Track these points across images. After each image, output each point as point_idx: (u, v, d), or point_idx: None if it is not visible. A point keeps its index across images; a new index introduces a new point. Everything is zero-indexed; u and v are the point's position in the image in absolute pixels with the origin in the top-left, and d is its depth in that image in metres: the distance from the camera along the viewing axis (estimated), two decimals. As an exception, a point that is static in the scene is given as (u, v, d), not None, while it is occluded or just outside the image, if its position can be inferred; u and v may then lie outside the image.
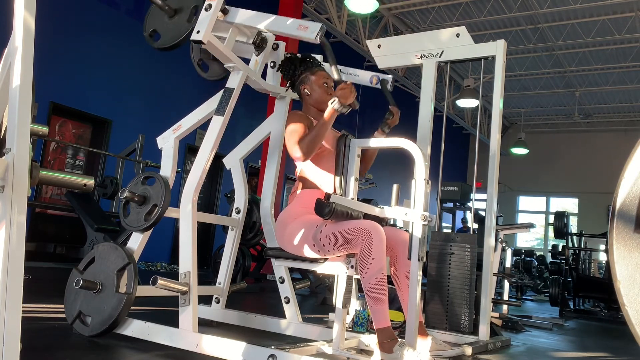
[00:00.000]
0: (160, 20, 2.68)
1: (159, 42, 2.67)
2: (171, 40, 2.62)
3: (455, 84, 13.12)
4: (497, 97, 3.16)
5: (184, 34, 2.57)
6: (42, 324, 2.55)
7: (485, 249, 3.09)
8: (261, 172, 7.07)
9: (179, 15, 2.63)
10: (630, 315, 1.17)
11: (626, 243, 1.19)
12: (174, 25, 2.63)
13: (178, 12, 2.64)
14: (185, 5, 2.63)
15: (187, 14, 2.59)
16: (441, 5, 9.88)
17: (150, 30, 2.70)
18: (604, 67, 11.97)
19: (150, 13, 2.74)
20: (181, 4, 2.64)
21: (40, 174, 1.73)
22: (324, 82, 2.52)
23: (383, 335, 2.05)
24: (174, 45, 2.61)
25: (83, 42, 6.89)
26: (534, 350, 3.30)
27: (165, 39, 2.65)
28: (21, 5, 1.23)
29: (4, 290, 1.08)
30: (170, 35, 2.63)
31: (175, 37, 2.60)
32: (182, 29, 2.60)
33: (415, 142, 2.61)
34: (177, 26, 2.62)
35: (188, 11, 2.60)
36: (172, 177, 2.58)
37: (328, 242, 2.12)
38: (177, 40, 2.59)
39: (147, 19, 2.74)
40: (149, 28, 2.72)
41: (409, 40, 3.49)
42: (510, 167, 15.40)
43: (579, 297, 6.76)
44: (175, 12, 2.64)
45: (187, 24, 2.58)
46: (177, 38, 2.60)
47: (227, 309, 3.01)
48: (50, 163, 6.85)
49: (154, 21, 2.71)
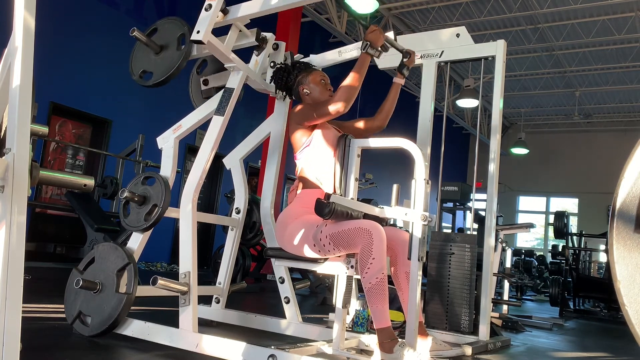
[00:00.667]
0: (147, 59, 2.66)
1: (151, 80, 2.64)
2: (164, 73, 2.59)
3: (455, 84, 13.11)
4: (497, 97, 3.16)
5: (177, 63, 2.56)
6: (42, 324, 2.55)
7: (485, 249, 3.09)
8: (261, 172, 7.07)
9: (166, 51, 2.61)
10: (630, 315, 1.17)
11: (626, 243, 1.19)
12: (162, 60, 2.61)
13: (164, 48, 2.63)
14: (171, 39, 2.62)
15: (175, 45, 2.59)
16: (441, 5, 9.88)
17: (140, 72, 2.67)
18: (604, 67, 11.97)
19: (134, 54, 2.72)
20: (167, 40, 2.63)
21: (40, 174, 1.73)
22: (321, 79, 2.53)
23: (383, 335, 2.05)
24: (168, 77, 2.59)
25: (83, 42, 6.89)
26: (534, 350, 3.30)
27: (158, 74, 2.62)
28: (21, 5, 1.23)
29: (4, 290, 1.08)
30: (162, 70, 2.61)
31: (169, 68, 2.58)
32: (174, 59, 2.58)
33: (415, 142, 2.62)
34: (166, 60, 2.60)
35: (175, 42, 2.59)
36: (172, 177, 2.58)
37: (328, 242, 2.12)
38: (171, 72, 2.58)
39: (132, 60, 2.71)
40: (137, 70, 2.69)
41: (409, 40, 3.49)
42: (510, 167, 15.39)
43: (579, 297, 6.76)
44: (161, 48, 2.63)
45: (178, 53, 2.57)
46: (170, 69, 2.58)
47: (227, 309, 3.01)
48: (50, 163, 6.85)
49: (141, 61, 2.68)
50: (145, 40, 2.60)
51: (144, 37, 2.60)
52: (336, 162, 2.33)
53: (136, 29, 2.56)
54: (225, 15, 2.53)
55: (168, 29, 2.66)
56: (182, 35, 2.59)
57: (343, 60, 2.93)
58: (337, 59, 2.94)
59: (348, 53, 2.93)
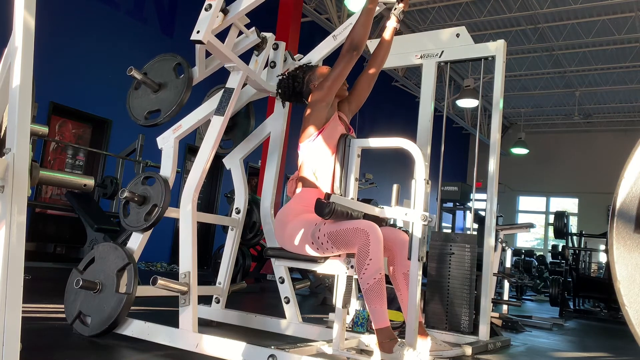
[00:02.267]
0: (148, 99, 2.61)
1: (160, 117, 2.57)
2: (172, 105, 2.54)
3: (455, 84, 13.11)
4: (497, 97, 3.16)
5: (183, 91, 2.52)
6: (42, 324, 2.55)
7: (485, 249, 3.09)
8: (261, 172, 7.07)
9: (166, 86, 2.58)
10: (630, 315, 1.17)
11: (626, 243, 1.19)
12: (166, 95, 2.57)
13: (162, 85, 2.59)
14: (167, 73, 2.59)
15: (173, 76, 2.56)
16: (441, 5, 9.88)
17: (145, 113, 2.62)
18: (604, 67, 11.97)
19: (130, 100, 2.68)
20: (163, 76, 2.60)
21: (40, 174, 1.73)
22: (327, 71, 2.52)
23: (382, 335, 2.05)
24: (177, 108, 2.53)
25: (83, 42, 6.89)
26: (534, 350, 3.30)
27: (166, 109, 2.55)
28: (21, 5, 1.23)
29: (4, 290, 1.08)
30: (168, 104, 2.55)
31: (175, 99, 2.54)
32: (178, 88, 2.55)
33: (415, 142, 2.62)
34: (170, 93, 2.56)
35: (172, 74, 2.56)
36: (172, 177, 2.58)
37: (326, 240, 2.12)
38: (179, 100, 2.53)
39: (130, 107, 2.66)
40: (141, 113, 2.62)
41: (409, 40, 3.49)
42: (510, 167, 15.38)
43: (579, 297, 6.76)
44: (159, 86, 2.60)
45: (179, 81, 2.54)
46: (177, 99, 2.53)
47: (227, 309, 3.01)
48: (50, 163, 6.85)
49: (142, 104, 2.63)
50: (142, 78, 2.56)
51: (141, 75, 2.56)
52: (336, 162, 2.33)
53: (133, 68, 2.53)
54: (225, 15, 2.52)
55: (159, 67, 2.63)
56: (178, 64, 2.57)
57: (339, 43, 2.92)
58: (333, 44, 2.94)
59: (343, 33, 2.93)
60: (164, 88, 2.59)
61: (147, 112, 2.62)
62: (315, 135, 2.34)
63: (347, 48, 2.32)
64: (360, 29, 2.32)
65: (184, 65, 2.57)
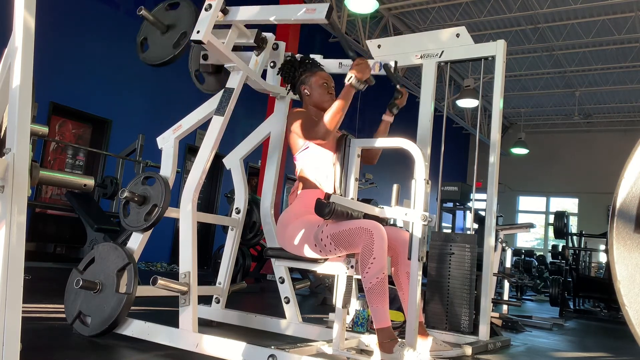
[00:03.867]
0: (153, 33, 2.66)
1: (145, 54, 2.64)
2: (155, 58, 2.59)
3: (455, 84, 13.11)
4: (497, 97, 3.16)
5: (167, 58, 2.54)
6: (42, 324, 2.55)
7: (485, 249, 3.09)
8: (261, 172, 7.07)
9: (170, 33, 2.60)
10: (630, 315, 1.17)
11: (626, 243, 1.19)
12: (162, 44, 2.60)
13: (170, 28, 2.61)
14: (178, 25, 2.59)
15: (176, 37, 2.56)
16: (441, 5, 9.88)
17: (142, 38, 2.67)
18: (604, 67, 11.97)
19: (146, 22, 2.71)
20: (175, 22, 2.61)
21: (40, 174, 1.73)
22: (323, 82, 2.53)
23: (383, 335, 2.05)
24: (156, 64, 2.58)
25: (83, 42, 6.89)
26: (534, 350, 3.30)
27: (151, 53, 2.62)
28: (21, 5, 1.23)
29: (4, 290, 1.08)
30: (156, 52, 2.60)
31: (160, 56, 2.57)
32: (167, 50, 2.56)
33: (415, 142, 2.62)
34: (164, 46, 2.59)
35: (177, 34, 2.56)
36: (172, 177, 2.58)
37: (329, 242, 2.11)
38: (159, 61, 2.56)
39: (142, 26, 2.72)
40: (141, 35, 2.69)
41: (409, 40, 3.49)
42: (510, 167, 15.39)
43: (579, 297, 6.76)
44: (167, 28, 2.61)
45: (171, 49, 2.55)
46: (161, 58, 2.56)
47: (227, 309, 3.01)
48: (50, 163, 6.85)
49: (148, 30, 2.69)
50: (152, 19, 2.59)
51: (151, 16, 2.59)
52: (336, 162, 2.33)
53: (143, 8, 2.55)
54: (225, 15, 2.53)
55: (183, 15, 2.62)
56: (185, 34, 2.56)
57: (342, 72, 2.91)
58: (337, 70, 2.94)
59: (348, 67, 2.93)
60: (168, 34, 2.61)
61: (144, 37, 2.66)
62: (307, 144, 2.37)
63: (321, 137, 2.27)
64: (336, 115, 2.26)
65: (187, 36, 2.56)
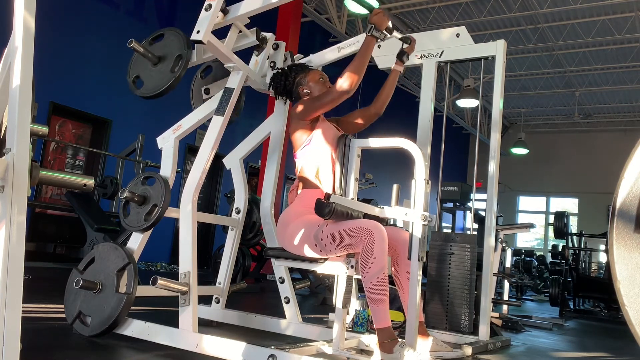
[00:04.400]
0: (144, 67, 2.64)
1: (141, 90, 2.63)
2: (153, 89, 2.58)
3: (455, 84, 13.11)
4: (497, 97, 3.16)
5: (168, 83, 2.54)
6: (42, 324, 2.55)
7: (485, 249, 3.09)
8: (261, 172, 7.07)
9: (163, 64, 2.59)
10: (630, 315, 1.17)
11: (626, 243, 1.19)
12: (157, 74, 2.59)
13: (162, 59, 2.60)
14: (170, 53, 2.59)
15: (171, 63, 2.56)
16: (441, 5, 9.88)
17: (134, 76, 2.66)
18: (604, 67, 11.97)
19: (135, 59, 2.70)
20: (165, 52, 2.61)
21: (40, 174, 1.73)
22: (319, 78, 2.54)
23: (383, 335, 2.05)
24: (156, 94, 2.58)
25: (83, 42, 6.89)
26: (534, 350, 3.30)
27: (148, 87, 2.61)
28: (21, 5, 1.23)
29: (4, 290, 1.08)
30: (153, 83, 2.60)
31: (158, 86, 2.57)
32: (165, 78, 2.56)
33: (415, 142, 2.62)
34: (160, 74, 2.58)
35: (172, 60, 2.57)
36: (172, 177, 2.58)
37: (330, 241, 2.11)
38: (159, 90, 2.56)
39: (131, 64, 2.70)
40: (132, 74, 2.68)
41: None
42: (510, 167, 15.38)
43: (579, 297, 6.76)
44: (159, 59, 2.61)
45: (170, 74, 2.55)
46: (160, 87, 2.56)
47: (227, 309, 3.01)
48: (50, 163, 6.85)
49: (138, 67, 2.67)
50: (143, 51, 2.58)
51: (142, 48, 2.58)
52: (336, 162, 2.33)
53: (134, 40, 2.53)
54: (225, 15, 2.52)
55: (171, 42, 2.63)
56: (180, 56, 2.57)
57: (343, 56, 2.92)
58: (337, 55, 2.94)
59: (347, 48, 2.92)
60: (160, 65, 2.61)
61: (136, 75, 2.65)
62: (309, 141, 2.37)
63: (339, 88, 2.25)
64: (355, 72, 2.26)
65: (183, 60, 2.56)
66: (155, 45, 2.67)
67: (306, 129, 2.39)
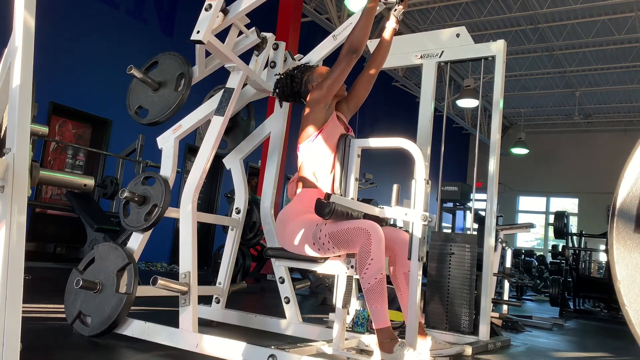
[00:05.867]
0: (145, 95, 2.61)
1: (147, 118, 2.60)
2: (160, 113, 2.55)
3: (455, 84, 13.11)
4: (497, 97, 3.16)
5: (175, 104, 2.51)
6: (42, 324, 2.55)
7: (485, 249, 3.09)
8: (261, 172, 7.07)
9: (165, 88, 2.57)
10: (630, 315, 1.17)
11: (626, 243, 1.19)
12: (160, 98, 2.56)
13: (162, 85, 2.58)
14: (170, 77, 2.57)
15: (174, 84, 2.54)
16: (441, 5, 9.88)
17: (136, 108, 2.63)
18: (604, 67, 11.96)
19: (132, 89, 2.67)
20: (165, 77, 2.58)
21: (40, 174, 1.73)
22: (326, 71, 2.52)
23: (383, 335, 2.05)
24: (163, 118, 2.55)
25: (83, 42, 6.89)
26: (534, 350, 3.30)
27: (154, 113, 2.58)
28: (21, 5, 1.23)
29: (4, 290, 1.08)
30: (158, 108, 2.56)
31: (165, 109, 2.54)
32: (170, 99, 2.53)
33: (415, 142, 2.62)
34: (164, 98, 2.55)
35: (174, 81, 2.55)
36: (172, 177, 2.58)
37: (328, 241, 2.11)
38: (166, 112, 2.53)
39: (130, 93, 2.67)
40: (133, 105, 2.64)
41: (409, 40, 3.49)
42: (510, 167, 15.38)
43: (579, 297, 6.76)
44: (159, 85, 2.58)
45: (175, 94, 2.52)
46: (166, 110, 2.53)
47: (227, 309, 3.01)
48: (50, 163, 6.85)
49: (137, 97, 2.64)
50: (142, 77, 2.55)
51: (141, 73, 2.55)
52: (336, 162, 2.33)
53: (133, 67, 2.51)
54: (226, 15, 2.52)
55: (168, 65, 2.61)
56: (182, 74, 2.55)
57: (339, 43, 2.92)
58: (334, 44, 2.94)
59: (342, 33, 2.92)
60: (162, 90, 2.59)
61: (139, 106, 2.63)
62: (315, 136, 2.34)
63: (347, 50, 2.31)
64: (360, 31, 2.32)
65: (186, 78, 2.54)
66: (152, 72, 2.63)
67: (317, 124, 2.35)
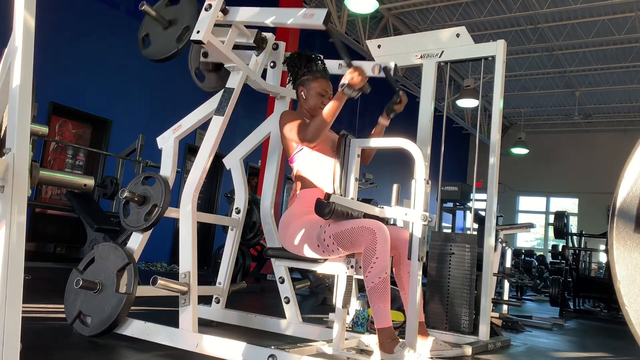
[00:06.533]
0: (155, 28, 2.64)
1: (147, 50, 2.64)
2: (158, 52, 2.58)
3: (455, 84, 13.11)
4: (497, 97, 3.15)
5: (170, 52, 2.52)
6: (42, 324, 2.55)
7: (485, 249, 3.09)
8: (261, 172, 7.07)
9: (172, 28, 2.58)
10: (630, 315, 1.17)
11: (626, 243, 1.19)
12: (164, 39, 2.58)
13: (172, 24, 2.59)
14: (180, 20, 2.57)
15: (179, 32, 2.54)
16: (441, 5, 9.88)
17: (144, 34, 2.66)
18: (604, 67, 11.97)
19: (147, 19, 2.69)
20: (176, 17, 2.59)
21: (40, 174, 1.73)
22: (322, 91, 2.50)
23: (384, 335, 2.04)
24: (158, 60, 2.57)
25: (83, 42, 6.89)
26: (534, 350, 3.30)
27: (154, 48, 2.61)
28: (21, 5, 1.23)
29: (4, 290, 1.08)
30: (158, 46, 2.59)
31: (163, 51, 2.56)
32: (170, 45, 2.54)
33: (415, 142, 2.62)
34: (166, 40, 2.57)
35: (180, 29, 2.55)
36: (172, 177, 2.58)
37: (332, 242, 2.11)
38: (163, 56, 2.55)
39: (143, 23, 2.70)
40: (143, 31, 2.68)
41: (409, 40, 3.49)
42: (510, 167, 15.38)
43: (579, 297, 6.75)
44: (169, 23, 2.60)
45: (175, 44, 2.53)
46: (163, 53, 2.55)
47: (227, 309, 3.01)
48: (50, 163, 6.85)
49: (149, 27, 2.67)
50: (155, 15, 2.57)
51: (154, 11, 2.57)
52: (335, 162, 2.33)
53: (145, 3, 2.53)
54: (225, 15, 2.53)
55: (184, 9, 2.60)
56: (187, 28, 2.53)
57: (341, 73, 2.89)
58: (336, 71, 2.92)
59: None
60: (170, 29, 2.59)
61: (146, 34, 2.65)
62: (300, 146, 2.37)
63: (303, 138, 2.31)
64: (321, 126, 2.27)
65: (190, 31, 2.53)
66: (170, 8, 2.64)
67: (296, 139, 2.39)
